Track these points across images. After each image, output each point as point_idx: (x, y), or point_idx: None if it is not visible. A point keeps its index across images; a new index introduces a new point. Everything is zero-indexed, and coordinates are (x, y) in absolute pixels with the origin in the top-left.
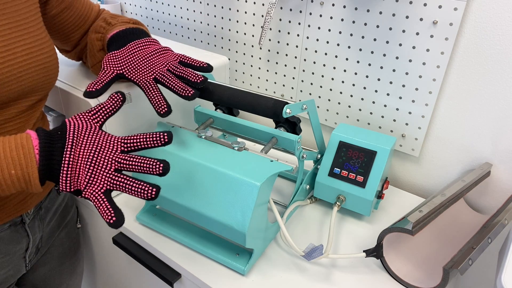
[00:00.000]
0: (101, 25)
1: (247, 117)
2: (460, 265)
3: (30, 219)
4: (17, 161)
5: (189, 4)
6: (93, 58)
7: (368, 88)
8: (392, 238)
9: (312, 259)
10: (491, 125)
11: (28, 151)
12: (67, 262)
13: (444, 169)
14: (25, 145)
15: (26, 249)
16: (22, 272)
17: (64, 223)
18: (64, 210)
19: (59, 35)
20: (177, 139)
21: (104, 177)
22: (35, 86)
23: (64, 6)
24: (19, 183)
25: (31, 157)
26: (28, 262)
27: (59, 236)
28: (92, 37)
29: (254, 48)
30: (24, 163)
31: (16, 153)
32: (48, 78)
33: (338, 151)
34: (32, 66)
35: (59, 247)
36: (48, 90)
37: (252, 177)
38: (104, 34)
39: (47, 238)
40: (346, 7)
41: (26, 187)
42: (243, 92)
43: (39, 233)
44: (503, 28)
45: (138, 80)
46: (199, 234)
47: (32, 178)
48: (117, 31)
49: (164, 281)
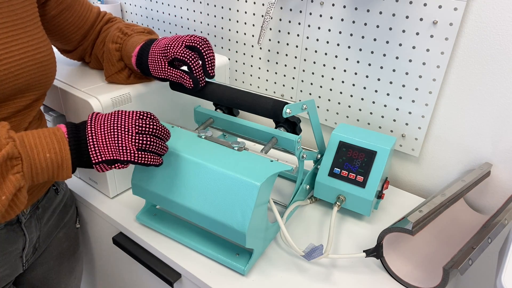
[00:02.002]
0: (118, 35)
1: (247, 117)
2: (460, 265)
3: (26, 219)
4: (51, 145)
5: (189, 4)
6: (112, 67)
7: (368, 88)
8: (392, 238)
9: (312, 259)
10: (491, 125)
11: (60, 137)
12: (65, 262)
13: (444, 169)
14: (57, 133)
15: (23, 249)
16: (19, 272)
17: (63, 223)
18: (63, 210)
19: (60, 36)
20: (177, 139)
21: (132, 140)
22: (31, 84)
23: (63, 7)
24: (52, 168)
25: (64, 141)
26: (25, 262)
27: (57, 236)
28: (111, 47)
29: (254, 48)
30: (58, 148)
31: (50, 139)
32: (45, 76)
33: (338, 151)
34: (29, 65)
35: (57, 247)
36: (45, 89)
37: (252, 177)
38: (122, 44)
39: (45, 237)
40: (346, 7)
41: (58, 173)
42: (243, 92)
43: (36, 233)
44: (503, 28)
45: (177, 53)
46: (199, 234)
47: (66, 160)
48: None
49: (164, 281)
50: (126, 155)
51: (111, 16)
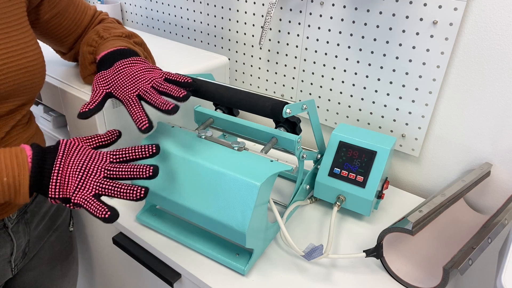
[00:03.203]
0: (93, 38)
1: (247, 117)
2: (460, 265)
3: (13, 224)
4: (10, 168)
5: (189, 4)
6: (85, 70)
7: (368, 88)
8: (392, 238)
9: (312, 259)
10: (491, 125)
11: (22, 160)
12: (58, 266)
13: (444, 169)
14: (19, 155)
15: (11, 254)
16: (8, 276)
17: (55, 227)
18: (55, 213)
19: (53, 39)
20: (177, 139)
21: (93, 183)
22: (16, 90)
23: (57, 11)
24: (8, 192)
25: (24, 165)
26: (14, 267)
27: (49, 240)
28: (84, 49)
29: (254, 48)
30: (17, 171)
31: (10, 161)
32: (31, 82)
33: (338, 151)
34: (13, 70)
35: (49, 251)
36: (33, 94)
37: (252, 177)
38: (96, 47)
39: (35, 242)
40: (346, 7)
41: (14, 197)
42: (243, 92)
43: (25, 238)
44: (503, 28)
45: (121, 97)
46: (199, 234)
47: (22, 186)
48: (106, 52)
49: (164, 281)
50: (79, 198)
51: (104, 17)
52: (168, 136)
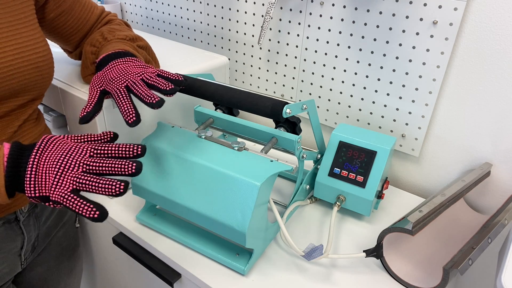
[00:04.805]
0: (97, 39)
1: (247, 117)
2: (460, 265)
3: (24, 217)
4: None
5: (189, 4)
6: (86, 69)
7: (368, 88)
8: (392, 238)
9: (312, 259)
10: (491, 125)
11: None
12: (65, 261)
13: (444, 169)
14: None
15: (21, 247)
16: (18, 270)
17: (62, 222)
18: (62, 209)
19: (59, 37)
20: (177, 139)
21: (70, 178)
22: (27, 85)
23: (62, 9)
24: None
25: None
26: (23, 260)
27: (56, 235)
28: (87, 49)
29: (254, 48)
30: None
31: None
32: (42, 78)
33: (338, 151)
34: (23, 65)
35: (56, 246)
36: (42, 90)
37: (252, 177)
38: (99, 48)
39: (43, 236)
40: (346, 7)
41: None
42: (243, 92)
43: (35, 231)
44: (503, 28)
45: (111, 89)
46: (199, 234)
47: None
48: (105, 54)
49: (164, 281)
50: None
51: (112, 17)
52: (168, 136)
